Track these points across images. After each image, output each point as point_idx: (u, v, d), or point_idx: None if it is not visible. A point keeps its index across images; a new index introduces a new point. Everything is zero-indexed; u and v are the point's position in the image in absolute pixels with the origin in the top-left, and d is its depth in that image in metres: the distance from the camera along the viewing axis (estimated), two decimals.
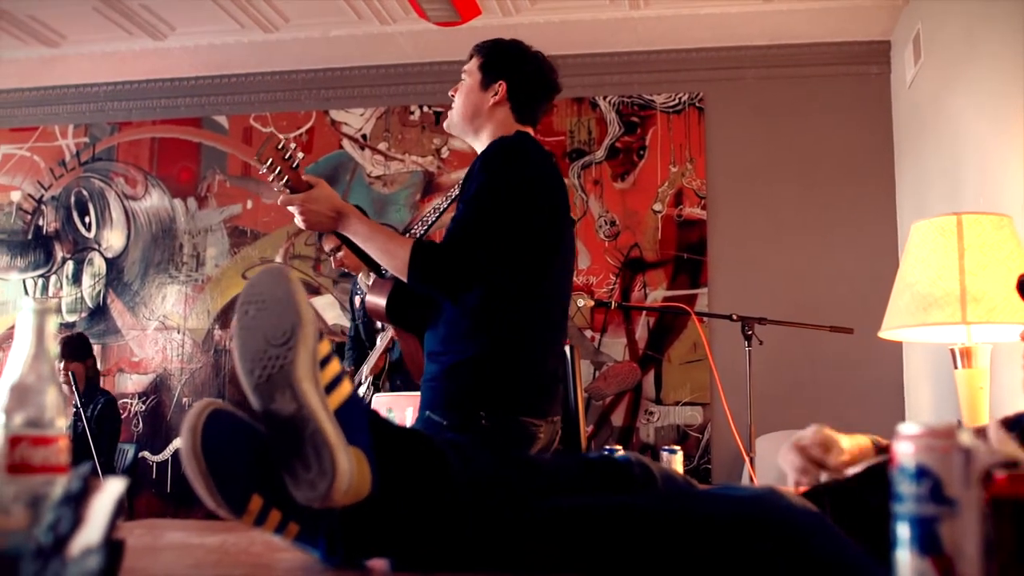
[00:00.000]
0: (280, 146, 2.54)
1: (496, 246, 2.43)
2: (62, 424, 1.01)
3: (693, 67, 6.00)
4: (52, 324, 1.03)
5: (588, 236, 5.92)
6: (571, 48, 5.93)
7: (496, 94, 2.70)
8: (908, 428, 0.90)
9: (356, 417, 1.31)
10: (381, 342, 4.41)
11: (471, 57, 2.80)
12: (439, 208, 2.95)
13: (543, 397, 2.54)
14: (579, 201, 5.95)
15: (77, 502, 0.89)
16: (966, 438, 0.88)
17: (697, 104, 5.97)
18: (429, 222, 2.95)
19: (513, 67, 2.75)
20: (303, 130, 6.48)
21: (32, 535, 0.94)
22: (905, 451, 0.89)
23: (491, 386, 2.44)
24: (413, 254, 2.40)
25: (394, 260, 2.45)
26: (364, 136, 6.39)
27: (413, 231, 2.97)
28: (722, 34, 5.77)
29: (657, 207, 5.90)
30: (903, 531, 0.89)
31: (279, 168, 2.50)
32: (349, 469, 1.23)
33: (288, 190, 2.54)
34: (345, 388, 1.33)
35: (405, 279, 2.45)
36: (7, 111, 6.95)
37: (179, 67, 6.46)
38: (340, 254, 4.53)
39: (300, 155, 2.59)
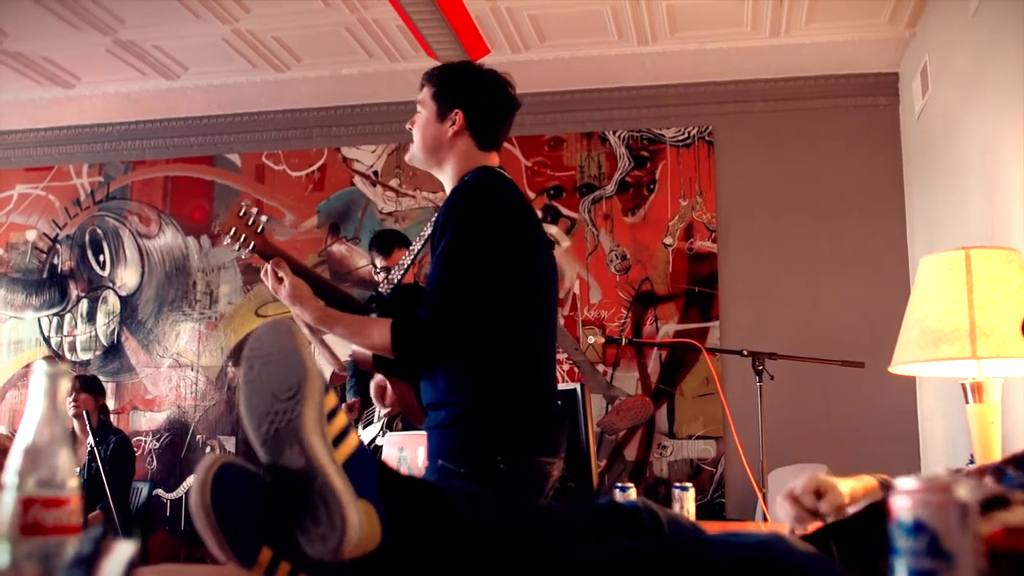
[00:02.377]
0: (242, 213, 2.51)
1: (475, 307, 2.36)
2: (74, 485, 1.02)
3: (702, 101, 6.03)
4: (64, 387, 1.05)
5: (599, 270, 5.94)
6: (580, 83, 5.98)
7: (454, 123, 2.57)
8: (904, 482, 0.91)
9: (364, 469, 1.32)
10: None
11: (422, 87, 2.67)
12: (414, 251, 2.88)
13: (552, 434, 2.51)
14: (590, 236, 5.97)
15: (88, 564, 0.91)
16: (963, 492, 0.89)
17: (706, 138, 5.99)
18: (405, 265, 2.90)
19: (466, 93, 2.60)
20: (315, 167, 6.52)
21: None
22: (902, 505, 0.90)
23: (503, 430, 2.39)
24: (394, 339, 2.37)
25: (375, 347, 2.45)
26: (375, 172, 6.44)
27: (391, 276, 2.93)
28: (730, 68, 5.80)
29: (668, 241, 5.91)
30: None
31: (244, 235, 2.48)
32: (359, 523, 1.24)
33: (259, 255, 2.51)
34: (352, 440, 1.34)
35: (392, 357, 2.43)
36: (23, 151, 7.02)
37: (192, 106, 6.53)
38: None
39: (264, 219, 2.55)
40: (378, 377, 3.36)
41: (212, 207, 6.65)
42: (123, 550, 0.90)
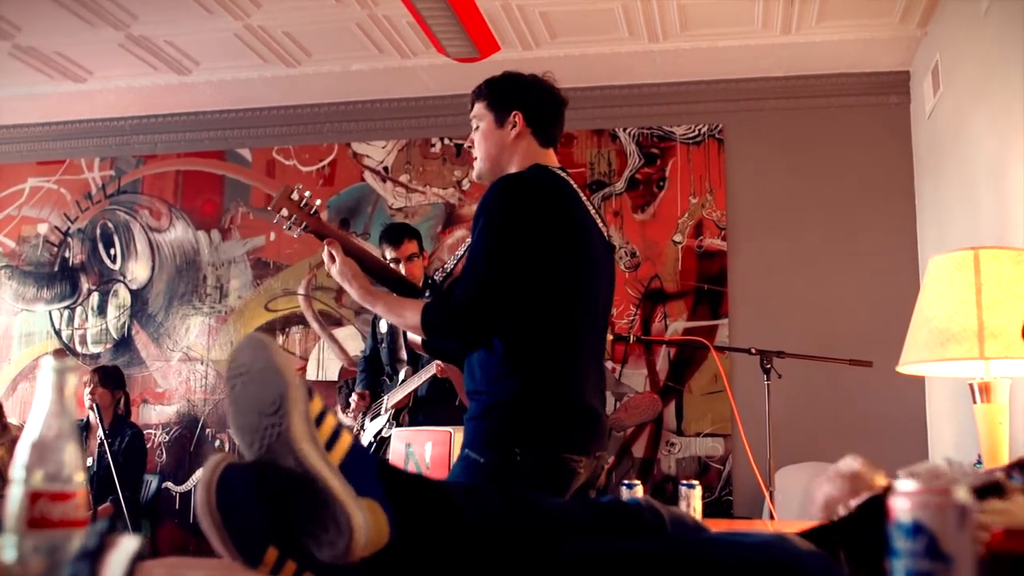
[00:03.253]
0: (293, 195, 2.57)
1: (505, 296, 2.40)
2: (80, 479, 1.03)
3: (712, 99, 6.02)
4: (72, 383, 1.05)
5: None
6: (591, 80, 5.98)
7: (515, 126, 2.66)
8: (904, 484, 0.91)
9: (363, 467, 1.33)
10: (408, 379, 4.42)
11: (473, 104, 2.75)
12: (467, 241, 2.94)
13: (583, 432, 2.50)
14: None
15: (94, 558, 0.92)
16: (961, 494, 0.90)
17: (717, 135, 5.99)
18: (458, 255, 2.95)
19: (519, 94, 2.70)
20: (325, 163, 6.54)
21: None
22: (901, 507, 0.91)
23: (527, 424, 2.41)
24: (424, 319, 2.44)
25: (407, 325, 2.53)
26: (386, 168, 6.45)
27: (445, 267, 3.00)
28: (741, 66, 5.80)
29: (677, 238, 5.91)
30: None
31: (295, 215, 2.53)
32: (364, 523, 1.25)
33: (312, 235, 2.58)
34: (345, 440, 1.34)
35: (424, 337, 2.52)
36: (35, 145, 7.05)
37: (203, 101, 6.55)
38: None
39: (317, 201, 2.62)
40: None
41: (223, 201, 6.67)
42: (128, 544, 0.91)
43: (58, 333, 6.80)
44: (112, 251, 6.81)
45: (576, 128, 6.15)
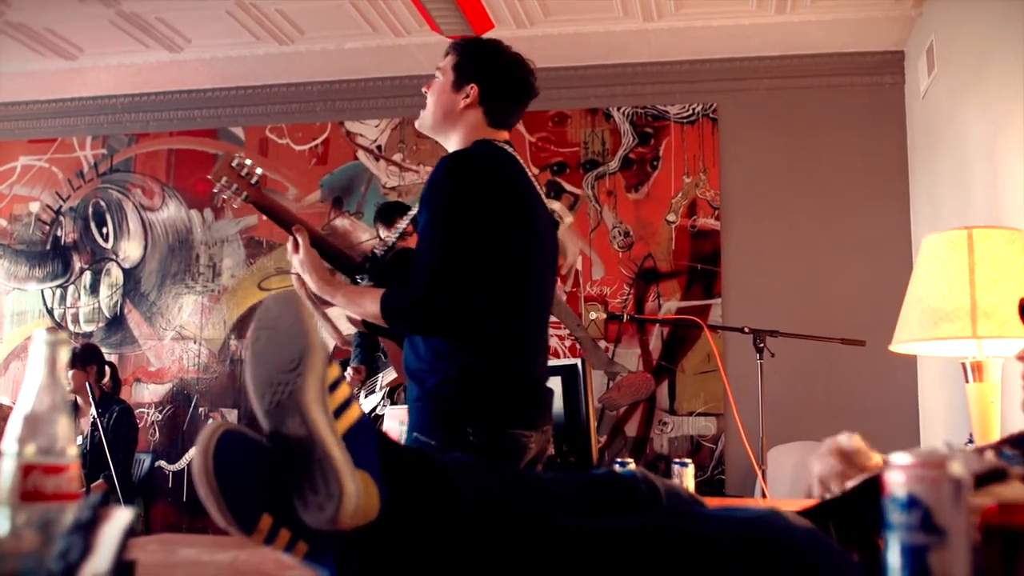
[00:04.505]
0: (235, 163, 2.55)
1: (456, 279, 2.38)
2: (73, 452, 1.03)
3: (707, 78, 6.01)
4: (63, 355, 1.05)
5: (602, 247, 5.94)
6: (585, 59, 5.96)
7: (468, 96, 2.61)
8: (899, 458, 0.91)
9: (364, 440, 1.33)
10: None
11: (447, 54, 2.71)
12: (410, 214, 2.90)
13: (531, 407, 2.52)
14: (593, 212, 5.97)
15: (87, 530, 0.92)
16: (956, 468, 0.90)
17: (711, 115, 5.98)
18: (399, 229, 2.93)
19: (487, 70, 2.63)
20: (318, 141, 6.52)
21: (42, 559, 0.97)
22: (896, 480, 0.91)
23: (475, 402, 2.42)
24: (383, 311, 2.44)
25: (367, 314, 2.51)
26: (379, 147, 6.43)
27: (386, 239, 2.95)
28: (735, 45, 5.78)
29: (671, 218, 5.91)
30: (894, 560, 0.90)
31: (235, 185, 2.51)
32: (356, 492, 1.25)
33: (254, 205, 2.56)
34: (354, 412, 1.35)
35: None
36: (26, 123, 7.02)
37: (195, 79, 6.52)
38: None
39: (258, 171, 2.60)
40: None
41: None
42: (121, 516, 0.91)
43: (50, 312, 6.79)
44: (104, 230, 6.79)
45: (570, 107, 6.13)
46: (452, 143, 2.66)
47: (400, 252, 2.90)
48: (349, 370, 4.70)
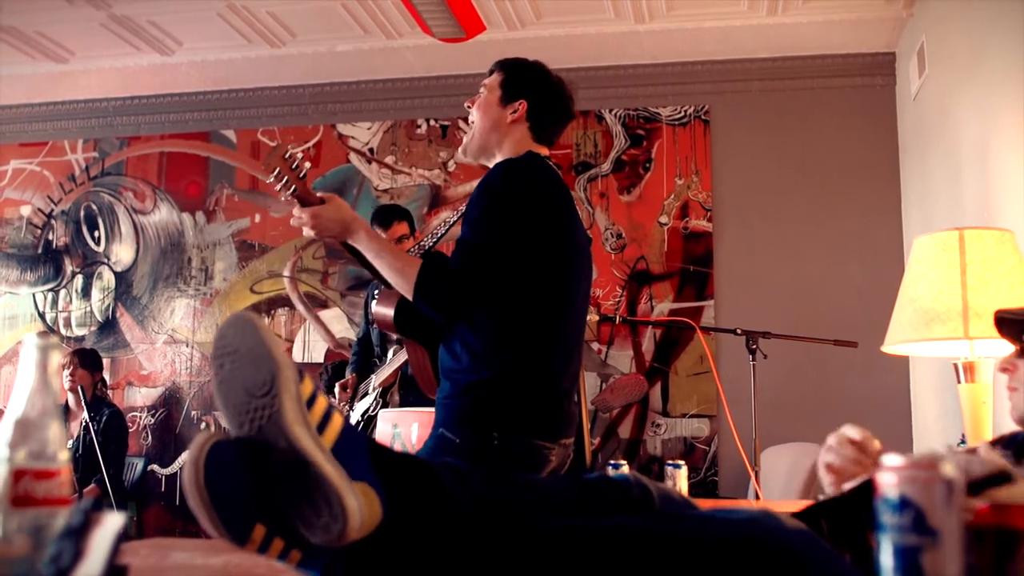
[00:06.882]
0: (287, 155, 2.55)
1: (499, 271, 2.43)
2: (64, 457, 1.03)
3: (699, 80, 6.02)
4: (55, 359, 1.05)
5: (595, 249, 5.89)
6: (577, 61, 5.95)
7: (515, 112, 2.71)
8: (891, 459, 0.92)
9: (354, 450, 1.32)
10: (395, 356, 4.42)
11: (492, 72, 2.80)
12: (448, 221, 2.96)
13: (557, 420, 2.54)
14: (585, 214, 5.97)
15: (78, 536, 0.91)
16: (948, 469, 0.90)
17: (703, 117, 5.98)
18: (438, 234, 2.97)
19: (535, 87, 2.75)
20: (310, 144, 6.51)
21: (34, 563, 0.96)
22: (888, 482, 0.91)
23: (505, 407, 2.44)
24: (421, 274, 2.43)
25: (400, 278, 2.47)
26: (371, 150, 6.42)
27: (423, 244, 2.99)
28: (727, 47, 5.79)
29: (663, 219, 5.91)
30: (887, 561, 0.90)
31: (286, 178, 2.51)
32: (358, 508, 1.24)
33: (296, 200, 2.54)
34: (337, 422, 1.33)
35: (409, 297, 2.47)
36: (17, 126, 7.00)
37: (187, 82, 6.51)
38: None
39: (307, 165, 2.60)
40: None
41: (207, 183, 6.64)
42: (113, 521, 0.90)
43: (42, 316, 6.77)
44: (96, 233, 6.78)
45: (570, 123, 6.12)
46: (497, 158, 2.72)
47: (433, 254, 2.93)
48: (337, 388, 4.70)
